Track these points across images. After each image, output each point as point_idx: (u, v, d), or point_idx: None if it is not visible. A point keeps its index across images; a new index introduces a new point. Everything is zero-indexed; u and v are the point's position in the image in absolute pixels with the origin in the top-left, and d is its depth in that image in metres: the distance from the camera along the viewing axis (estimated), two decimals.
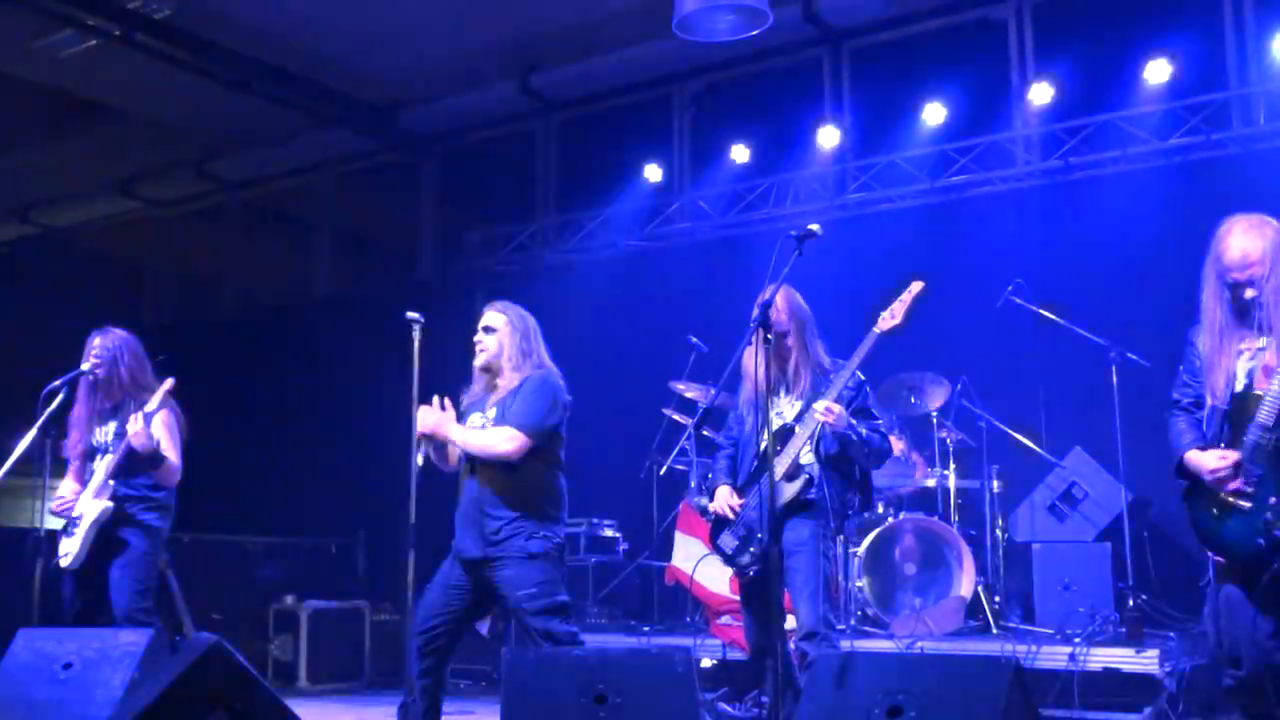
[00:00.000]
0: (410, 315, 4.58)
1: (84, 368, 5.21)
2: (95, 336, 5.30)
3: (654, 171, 10.00)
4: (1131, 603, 6.29)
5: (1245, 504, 3.56)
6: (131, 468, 5.11)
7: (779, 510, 4.26)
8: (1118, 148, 8.18)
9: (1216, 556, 3.70)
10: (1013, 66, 8.92)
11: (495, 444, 4.49)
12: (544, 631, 4.38)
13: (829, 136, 9.26)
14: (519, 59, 10.26)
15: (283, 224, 14.19)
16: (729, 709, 6.19)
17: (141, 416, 4.99)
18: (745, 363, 4.49)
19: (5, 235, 13.62)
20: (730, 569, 4.71)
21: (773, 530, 4.13)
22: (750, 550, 4.48)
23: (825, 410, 4.34)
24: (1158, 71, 8.07)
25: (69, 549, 5.10)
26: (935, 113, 8.83)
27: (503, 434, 4.48)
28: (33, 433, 5.14)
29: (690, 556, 6.45)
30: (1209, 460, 3.63)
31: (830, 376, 4.53)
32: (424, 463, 4.57)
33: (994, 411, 6.99)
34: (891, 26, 9.33)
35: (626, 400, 8.49)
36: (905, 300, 4.55)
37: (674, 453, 7.14)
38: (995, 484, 6.94)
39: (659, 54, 9.54)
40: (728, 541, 4.59)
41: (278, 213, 13.96)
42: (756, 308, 4.23)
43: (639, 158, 10.05)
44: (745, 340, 4.31)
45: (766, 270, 4.20)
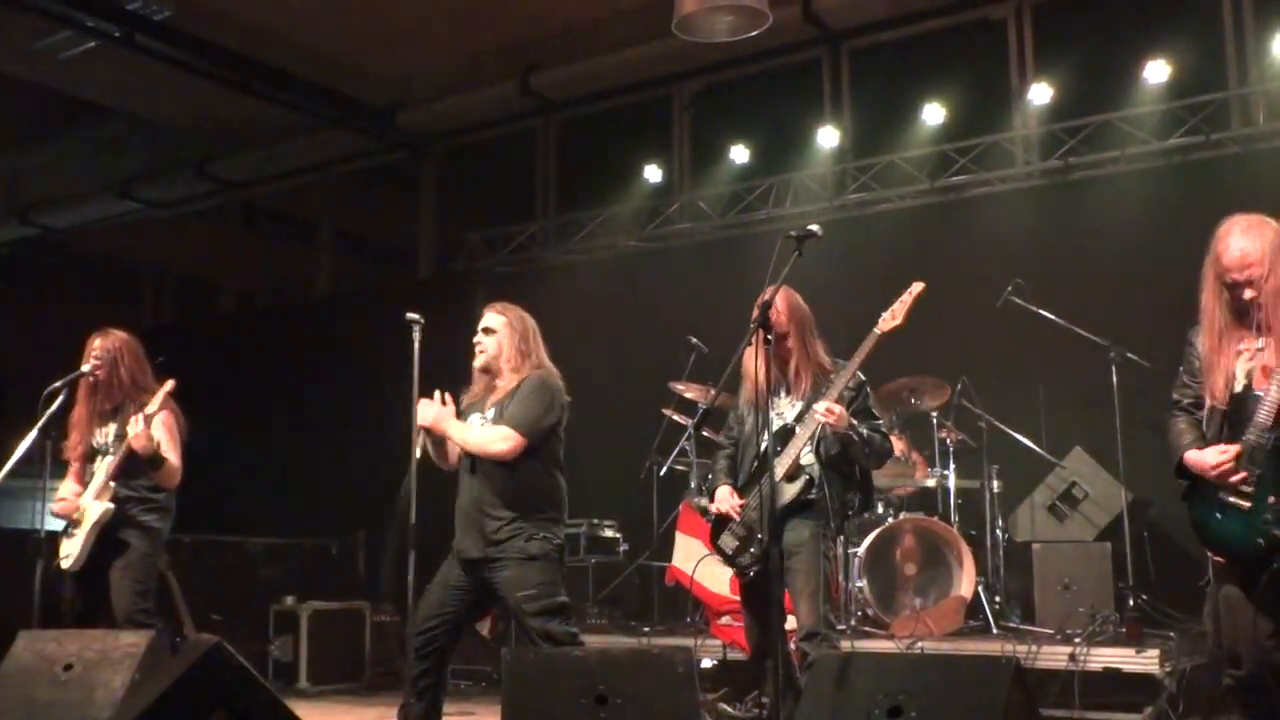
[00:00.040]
0: (410, 316, 4.57)
1: (84, 369, 5.20)
2: (95, 338, 5.29)
3: (654, 172, 10.02)
4: (1132, 603, 6.30)
5: (1245, 504, 3.56)
6: (132, 469, 5.10)
7: (779, 511, 4.26)
8: (1117, 148, 8.18)
9: (1216, 556, 3.70)
10: (1012, 66, 8.93)
11: (490, 443, 4.49)
12: (543, 632, 4.38)
13: (829, 136, 9.27)
14: (519, 59, 10.27)
15: (282, 224, 14.21)
16: (730, 709, 6.19)
17: (142, 418, 4.99)
18: (745, 363, 4.48)
19: (5, 236, 13.61)
20: (730, 569, 4.71)
21: (773, 531, 4.13)
22: (750, 551, 4.47)
23: (826, 411, 4.33)
24: (1157, 71, 8.09)
25: (69, 551, 5.10)
26: (935, 113, 8.85)
27: (498, 433, 4.48)
28: (33, 434, 5.13)
29: (691, 557, 6.43)
30: (1210, 456, 3.63)
31: (831, 377, 4.53)
32: (422, 455, 4.56)
33: (994, 411, 6.99)
34: (891, 26, 9.34)
35: (626, 400, 8.49)
36: (906, 301, 4.54)
37: (674, 453, 7.13)
38: (995, 484, 6.93)
39: (659, 54, 9.53)
40: (728, 542, 4.58)
41: (277, 213, 13.98)
42: (756, 308, 4.23)
43: (639, 158, 10.06)
44: (745, 341, 4.31)
45: (766, 271, 4.20)
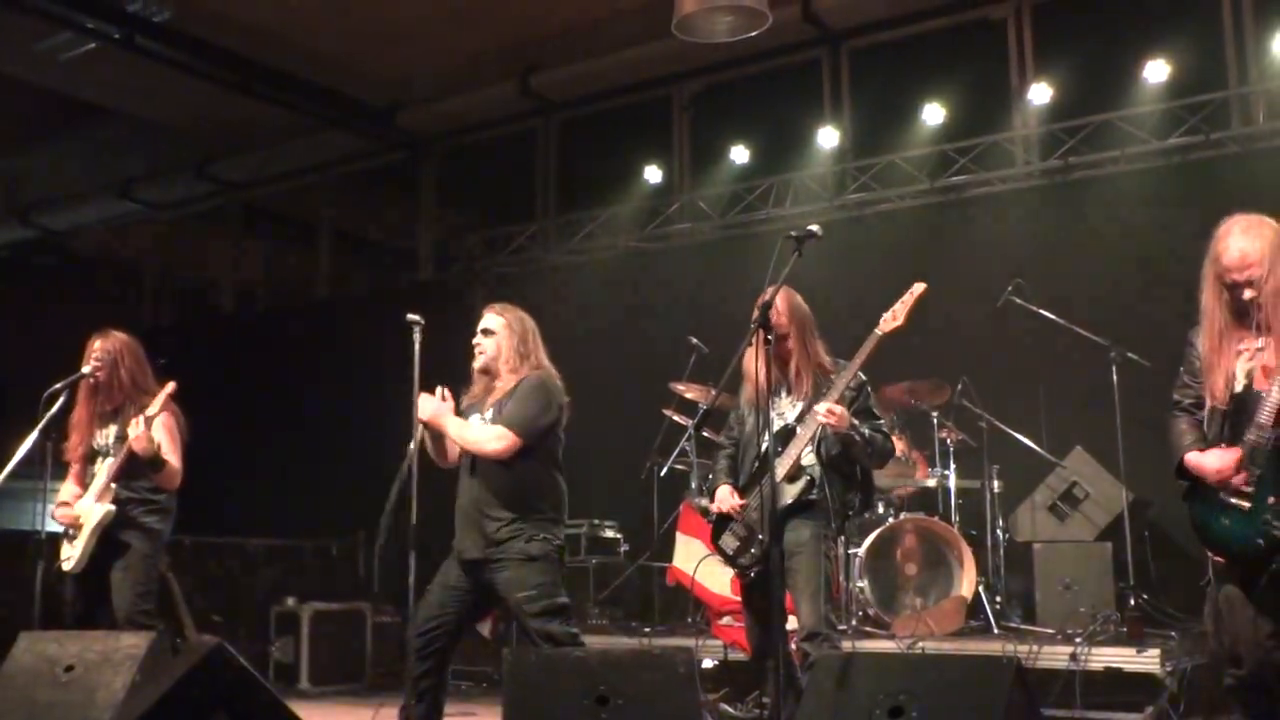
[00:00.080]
0: (411, 317, 4.56)
1: (84, 370, 5.20)
2: (95, 339, 5.29)
3: (654, 172, 10.02)
4: (1132, 602, 6.30)
5: (1245, 504, 3.56)
6: (132, 471, 5.10)
7: (780, 511, 4.26)
8: (1117, 148, 8.19)
9: (1216, 556, 3.70)
10: (1012, 66, 8.93)
11: (485, 441, 4.49)
12: (544, 633, 4.37)
13: (829, 136, 9.28)
14: (519, 59, 10.26)
15: (282, 225, 14.21)
16: (731, 710, 6.19)
17: (143, 420, 4.99)
18: (745, 364, 4.48)
19: (5, 237, 13.60)
20: (731, 570, 4.71)
21: (774, 531, 4.13)
22: (751, 551, 4.47)
23: (827, 413, 4.33)
24: (1157, 71, 8.10)
25: (71, 552, 5.11)
26: (935, 113, 8.85)
27: (493, 432, 4.48)
28: (34, 435, 5.13)
29: (691, 557, 6.43)
30: (1210, 461, 3.63)
31: (831, 377, 4.52)
32: (421, 453, 4.55)
33: (994, 411, 6.99)
34: (891, 26, 9.33)
35: (627, 401, 8.49)
36: (907, 302, 4.53)
37: (675, 454, 7.13)
38: (996, 484, 6.94)
39: (659, 54, 9.53)
40: (729, 542, 4.58)
41: (277, 214, 13.98)
42: (757, 309, 4.23)
43: (639, 158, 10.06)
44: (745, 341, 4.30)
45: (766, 271, 4.20)
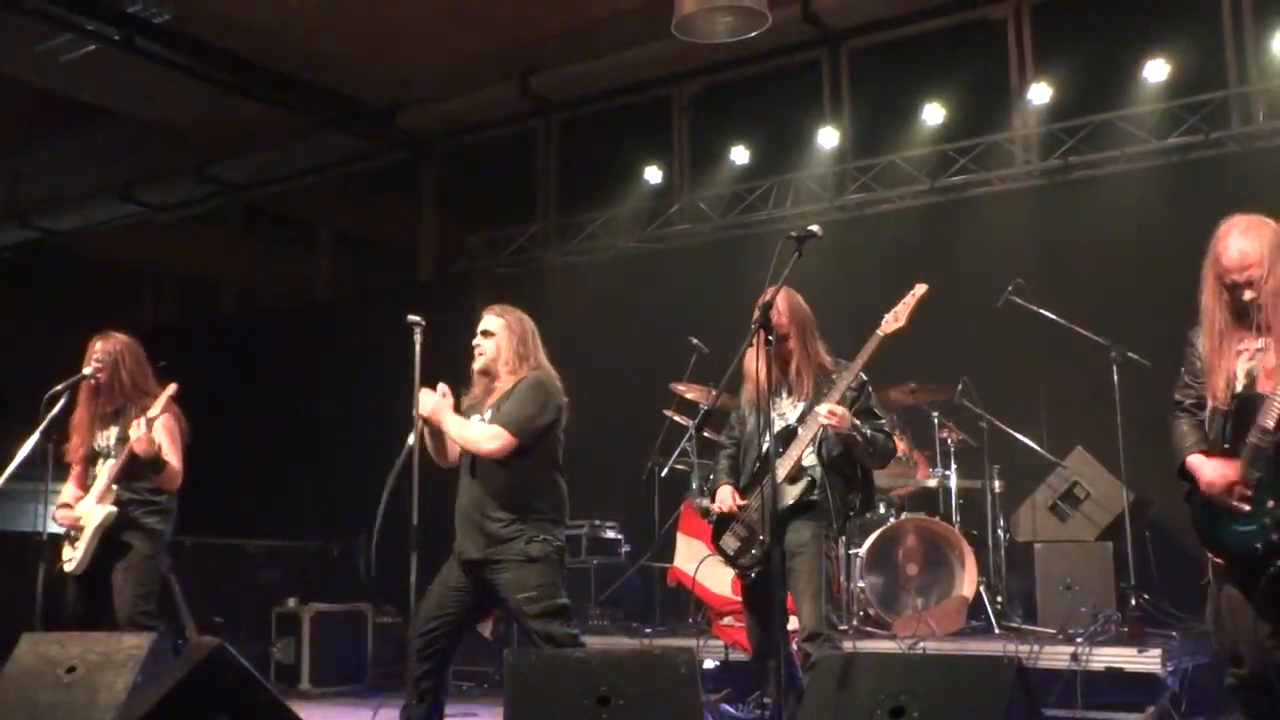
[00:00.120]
0: (411, 318, 4.57)
1: (85, 372, 5.21)
2: (96, 341, 5.30)
3: (654, 172, 10.02)
4: (1133, 602, 6.29)
5: (1245, 507, 3.56)
6: (134, 472, 5.11)
7: (781, 512, 4.26)
8: (1117, 147, 8.19)
9: (1216, 557, 3.70)
10: (1012, 66, 8.92)
11: (482, 440, 4.49)
12: (544, 634, 4.38)
13: (829, 137, 9.28)
14: (519, 60, 10.26)
15: (283, 227, 14.22)
16: (732, 710, 6.20)
17: (144, 421, 4.99)
18: (746, 364, 4.48)
19: (6, 239, 13.61)
20: (732, 570, 4.71)
21: (775, 532, 4.13)
22: (752, 551, 4.47)
23: (829, 414, 4.33)
24: (1156, 71, 8.10)
25: (72, 554, 5.11)
26: (935, 113, 8.85)
27: (490, 431, 4.48)
28: (35, 437, 5.14)
29: (692, 558, 6.44)
30: (1207, 470, 3.63)
31: (832, 377, 4.52)
32: (421, 451, 4.54)
33: (995, 411, 6.99)
34: (891, 26, 9.33)
35: (627, 401, 8.49)
36: (909, 303, 4.53)
37: (675, 454, 7.13)
38: (997, 484, 6.94)
39: (659, 54, 9.53)
40: (730, 543, 4.58)
41: (278, 215, 13.98)
42: (757, 309, 4.23)
43: (639, 159, 10.06)
44: (746, 342, 4.30)
45: (767, 271, 4.20)
